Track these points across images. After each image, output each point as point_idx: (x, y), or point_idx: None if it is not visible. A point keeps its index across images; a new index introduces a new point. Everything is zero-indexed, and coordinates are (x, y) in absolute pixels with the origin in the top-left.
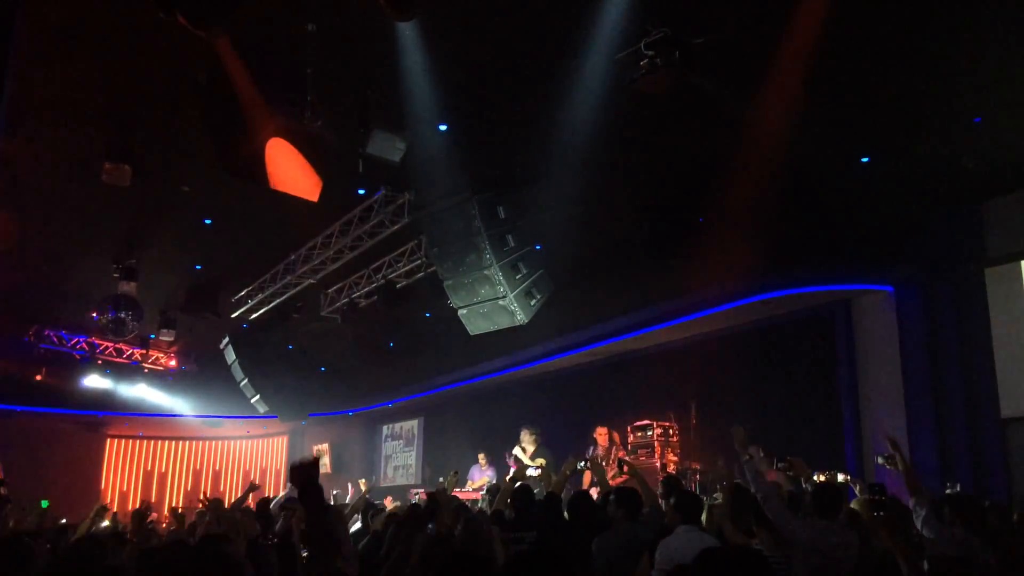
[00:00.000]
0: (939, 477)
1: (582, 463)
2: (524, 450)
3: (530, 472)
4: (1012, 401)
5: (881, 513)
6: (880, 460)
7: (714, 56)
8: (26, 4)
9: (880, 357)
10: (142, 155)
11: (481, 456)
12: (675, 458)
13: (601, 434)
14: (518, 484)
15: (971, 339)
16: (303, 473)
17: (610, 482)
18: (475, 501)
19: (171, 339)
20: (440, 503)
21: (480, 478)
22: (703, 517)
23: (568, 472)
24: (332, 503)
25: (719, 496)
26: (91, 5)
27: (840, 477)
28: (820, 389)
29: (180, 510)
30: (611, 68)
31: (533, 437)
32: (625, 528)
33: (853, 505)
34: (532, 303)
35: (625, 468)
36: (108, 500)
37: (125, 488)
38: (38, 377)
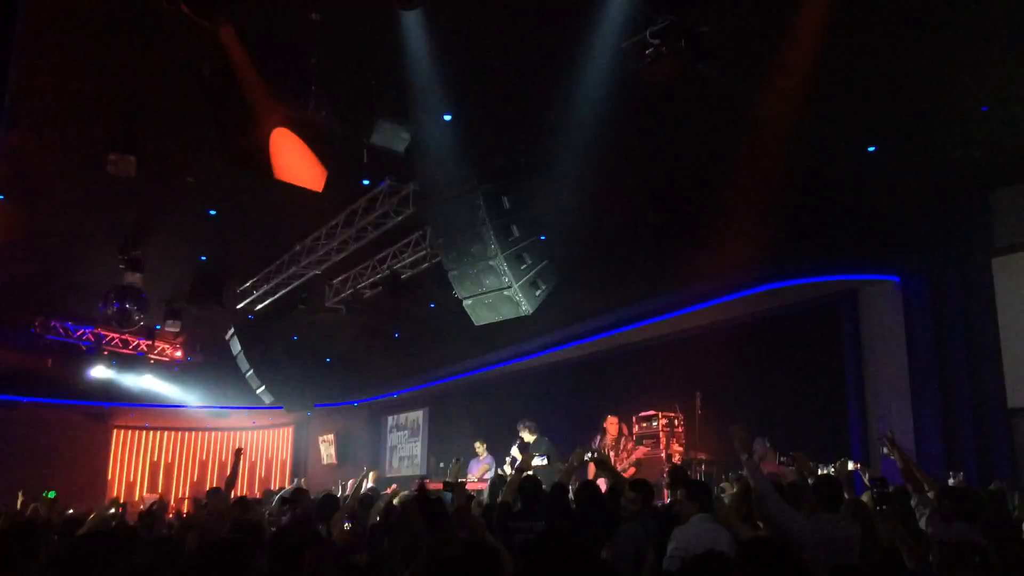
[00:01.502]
0: (945, 467)
1: (589, 454)
2: (527, 444)
3: (536, 462)
4: (1018, 391)
5: (885, 507)
6: (885, 451)
7: (720, 44)
8: None
9: (886, 347)
10: (147, 146)
11: (478, 444)
12: (680, 448)
13: (611, 423)
14: (525, 474)
15: (978, 329)
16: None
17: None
18: (480, 492)
19: (177, 330)
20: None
21: (479, 468)
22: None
23: (576, 463)
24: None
25: (726, 487)
26: None
27: (850, 465)
28: (826, 379)
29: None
30: (617, 57)
31: (529, 429)
32: (644, 519)
33: (863, 498)
34: (537, 293)
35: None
36: (115, 491)
37: (132, 479)
38: (44, 368)
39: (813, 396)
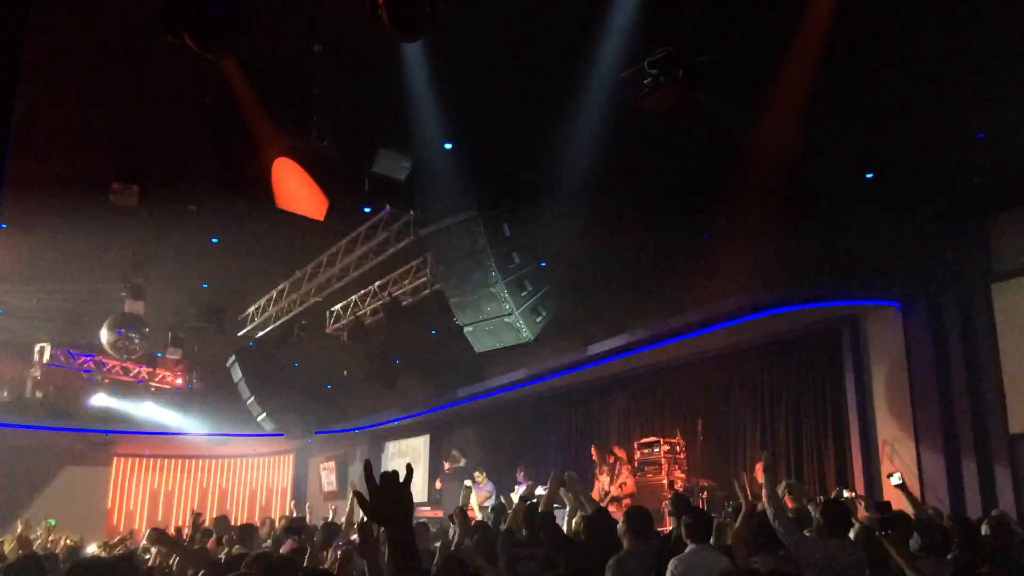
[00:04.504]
0: (948, 494)
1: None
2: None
3: (539, 491)
4: (1021, 417)
5: (890, 531)
6: (894, 482)
7: (717, 74)
8: (36, 25)
9: (888, 372)
10: (150, 175)
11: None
12: (682, 475)
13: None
14: (529, 503)
15: (978, 354)
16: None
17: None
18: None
19: (178, 357)
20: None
21: (479, 496)
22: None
23: (555, 489)
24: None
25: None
26: (100, 27)
27: (845, 493)
28: (828, 405)
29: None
30: (615, 86)
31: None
32: (637, 548)
33: (862, 522)
34: (538, 320)
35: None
36: (115, 519)
37: (132, 507)
38: (45, 395)
39: (815, 422)
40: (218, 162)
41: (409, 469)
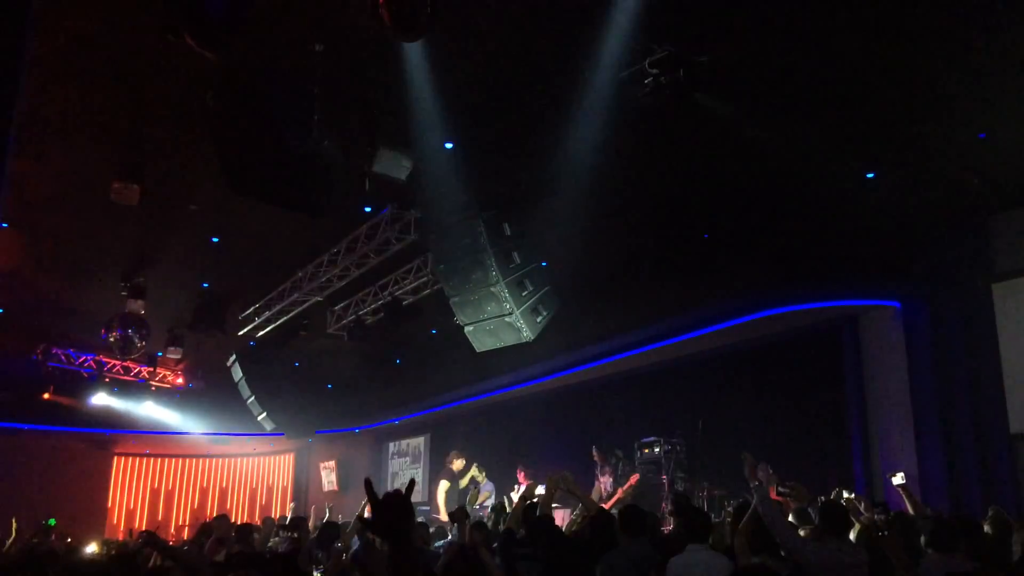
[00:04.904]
0: (948, 494)
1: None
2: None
3: (539, 491)
4: (1021, 417)
5: (886, 532)
6: (895, 482)
7: (718, 74)
8: (36, 24)
9: (888, 373)
10: (151, 174)
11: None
12: (683, 475)
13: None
14: (528, 503)
15: (979, 354)
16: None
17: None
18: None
19: (178, 357)
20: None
21: (480, 495)
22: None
23: (553, 490)
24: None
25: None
26: (101, 26)
27: (844, 494)
28: (827, 405)
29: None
30: (616, 86)
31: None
32: (630, 546)
33: (862, 522)
34: (538, 320)
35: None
36: (115, 518)
37: (132, 506)
38: (46, 395)
39: (815, 422)
40: (219, 161)
41: (412, 482)
